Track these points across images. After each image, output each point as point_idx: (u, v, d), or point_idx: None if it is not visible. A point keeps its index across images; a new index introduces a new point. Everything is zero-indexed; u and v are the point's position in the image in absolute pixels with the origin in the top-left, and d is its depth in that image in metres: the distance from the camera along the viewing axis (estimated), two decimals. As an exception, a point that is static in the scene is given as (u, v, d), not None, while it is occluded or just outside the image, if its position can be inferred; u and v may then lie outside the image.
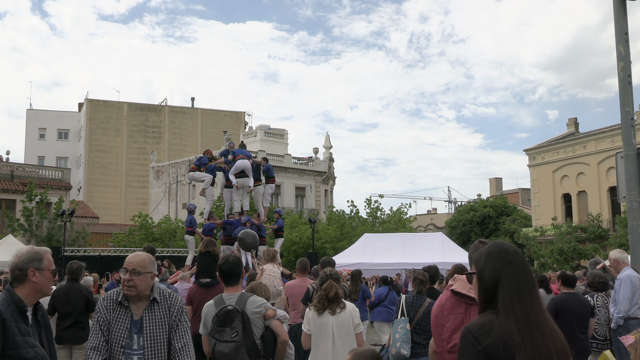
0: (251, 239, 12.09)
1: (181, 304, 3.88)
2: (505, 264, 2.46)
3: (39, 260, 3.50)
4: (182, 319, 3.82)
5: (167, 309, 3.77)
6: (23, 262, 3.47)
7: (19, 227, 30.12)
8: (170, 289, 4.14)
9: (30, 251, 3.57)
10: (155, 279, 3.87)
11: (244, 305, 4.88)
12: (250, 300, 4.96)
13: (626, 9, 8.51)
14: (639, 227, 8.14)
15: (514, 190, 63.89)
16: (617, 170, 8.45)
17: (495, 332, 2.36)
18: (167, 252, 29.22)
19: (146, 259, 3.80)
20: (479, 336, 2.39)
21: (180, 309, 3.83)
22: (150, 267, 3.78)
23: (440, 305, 3.86)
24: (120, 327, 3.68)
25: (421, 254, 21.46)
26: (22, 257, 3.49)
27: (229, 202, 15.92)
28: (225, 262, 5.19)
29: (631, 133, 8.23)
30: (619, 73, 8.38)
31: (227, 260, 5.21)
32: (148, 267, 3.76)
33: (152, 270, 3.79)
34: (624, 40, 8.40)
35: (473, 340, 2.40)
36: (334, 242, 34.00)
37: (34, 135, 60.72)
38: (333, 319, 5.59)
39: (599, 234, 35.79)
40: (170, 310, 3.78)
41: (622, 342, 5.10)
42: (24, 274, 3.44)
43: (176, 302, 3.83)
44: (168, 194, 48.68)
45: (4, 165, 37.87)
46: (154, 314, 3.73)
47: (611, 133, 37.71)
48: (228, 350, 4.61)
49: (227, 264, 5.13)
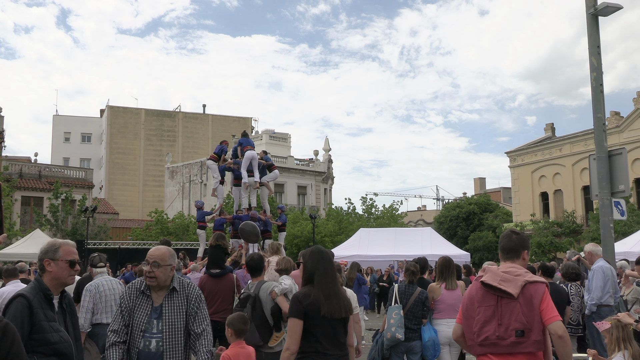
0: (250, 228, 12.12)
1: (199, 293, 3.85)
2: (319, 259, 3.86)
3: (54, 251, 3.47)
4: (201, 307, 3.79)
5: (185, 297, 3.75)
6: (41, 253, 3.50)
7: (46, 222, 30.10)
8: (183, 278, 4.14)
9: (48, 243, 3.58)
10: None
11: (259, 290, 5.56)
12: (264, 286, 5.61)
13: (598, 24, 8.51)
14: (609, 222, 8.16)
15: (496, 189, 63.86)
16: (590, 171, 8.46)
17: (312, 297, 3.69)
18: (181, 244, 29.18)
19: (166, 253, 3.78)
20: (302, 299, 3.70)
21: (199, 297, 3.81)
22: (170, 260, 3.75)
23: (470, 298, 3.46)
24: (141, 313, 3.69)
25: (412, 247, 21.44)
26: (41, 249, 3.52)
27: (238, 199, 15.88)
28: (250, 259, 5.93)
29: (603, 137, 8.23)
30: (592, 82, 8.38)
31: (252, 257, 5.94)
32: (167, 260, 3.73)
33: (172, 263, 3.76)
34: (597, 52, 8.40)
35: (298, 302, 3.69)
36: (332, 236, 33.97)
37: (60, 139, 60.61)
38: None
39: (574, 229, 35.78)
40: (189, 299, 3.76)
41: (596, 327, 5.09)
42: (42, 264, 3.46)
43: (194, 292, 3.81)
44: (182, 192, 48.62)
45: (33, 166, 37.83)
46: (173, 301, 3.71)
47: (585, 137, 37.68)
48: None
49: (252, 261, 5.86)
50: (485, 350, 3.29)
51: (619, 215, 8.34)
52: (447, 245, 23.41)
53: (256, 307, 5.48)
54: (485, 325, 3.29)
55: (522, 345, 3.17)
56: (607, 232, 8.18)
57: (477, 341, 3.32)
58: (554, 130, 44.31)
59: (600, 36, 8.56)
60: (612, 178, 8.12)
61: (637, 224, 27.63)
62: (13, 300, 3.26)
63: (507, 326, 3.20)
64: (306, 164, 49.55)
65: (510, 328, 3.19)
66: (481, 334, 3.28)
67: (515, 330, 3.18)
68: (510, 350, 3.19)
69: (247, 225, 12.23)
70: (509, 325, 3.20)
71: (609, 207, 8.08)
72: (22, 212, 33.10)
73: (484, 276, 3.41)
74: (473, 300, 3.41)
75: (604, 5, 8.29)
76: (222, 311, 7.16)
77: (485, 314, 3.30)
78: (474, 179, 69.00)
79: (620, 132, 35.91)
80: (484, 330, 3.28)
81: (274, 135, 55.25)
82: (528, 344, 3.17)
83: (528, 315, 3.19)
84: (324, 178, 49.98)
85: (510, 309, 3.22)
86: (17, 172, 35.36)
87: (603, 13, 8.42)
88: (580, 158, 37.48)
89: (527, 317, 3.18)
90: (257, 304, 5.50)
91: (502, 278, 3.30)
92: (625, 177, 8.13)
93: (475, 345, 3.34)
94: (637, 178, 34.65)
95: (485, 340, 3.26)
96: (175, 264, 3.82)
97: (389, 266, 21.19)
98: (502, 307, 3.26)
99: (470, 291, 3.50)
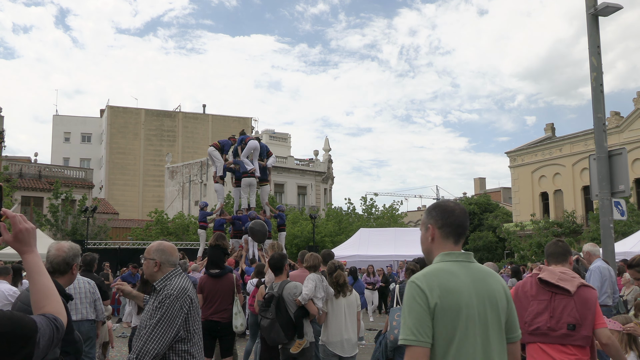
0: (259, 227, 12.13)
1: (166, 295, 3.50)
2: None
3: (79, 256, 3.77)
4: (161, 307, 3.44)
5: (157, 297, 3.54)
6: (70, 257, 3.69)
7: (46, 222, 30.09)
8: (190, 279, 3.87)
9: (73, 247, 3.77)
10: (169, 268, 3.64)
11: (282, 290, 5.86)
12: (287, 286, 5.91)
13: (598, 24, 8.50)
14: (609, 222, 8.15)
15: (496, 189, 63.84)
16: (590, 171, 8.45)
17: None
18: (181, 245, 29.17)
19: (152, 247, 3.67)
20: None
21: (163, 299, 3.48)
22: (154, 254, 3.59)
23: (523, 291, 3.82)
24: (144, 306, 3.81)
25: (412, 247, 21.43)
26: (70, 253, 3.70)
27: (238, 199, 15.88)
28: (272, 258, 6.19)
29: (603, 137, 8.22)
30: (592, 82, 8.37)
31: (273, 257, 6.19)
32: (151, 254, 3.60)
33: (155, 257, 3.58)
34: (597, 52, 8.39)
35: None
36: (332, 236, 33.96)
37: (60, 139, 60.61)
38: (344, 301, 6.14)
39: (574, 229, 35.77)
40: (158, 299, 3.51)
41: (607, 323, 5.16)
42: (70, 267, 3.67)
43: (163, 292, 3.51)
44: (182, 192, 48.61)
45: (33, 166, 37.82)
46: (151, 300, 3.58)
47: (585, 137, 37.67)
48: (267, 324, 5.74)
49: (273, 260, 6.13)
50: (535, 339, 3.66)
51: (619, 215, 8.33)
52: (447, 245, 23.38)
53: (280, 307, 5.77)
54: (537, 316, 3.65)
55: (572, 338, 3.55)
56: (607, 232, 8.18)
57: (527, 330, 3.65)
58: (554, 130, 44.29)
59: (600, 36, 8.55)
60: (612, 178, 8.11)
61: (637, 224, 27.62)
62: None
63: (559, 319, 3.58)
64: (306, 164, 49.55)
65: (562, 321, 3.57)
66: (533, 324, 3.65)
67: (568, 323, 3.56)
68: (561, 341, 3.58)
69: (256, 224, 12.25)
70: (560, 318, 3.58)
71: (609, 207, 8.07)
72: (22, 212, 33.05)
73: (542, 274, 3.76)
74: (527, 293, 3.78)
75: (604, 5, 8.28)
76: (221, 311, 7.14)
77: (539, 307, 3.67)
78: (474, 179, 69.03)
79: (620, 132, 35.91)
80: (536, 320, 3.64)
81: (274, 135, 55.26)
82: (578, 337, 3.54)
83: (581, 312, 3.57)
84: (324, 178, 49.98)
85: (563, 305, 3.61)
86: (17, 172, 35.35)
87: (603, 13, 8.41)
88: (580, 158, 37.47)
89: (580, 314, 3.56)
90: (281, 304, 5.78)
91: (559, 277, 3.69)
92: (625, 177, 8.13)
93: (525, 334, 3.61)
94: (637, 178, 34.65)
95: (536, 330, 3.63)
96: (160, 260, 3.61)
97: (388, 266, 21.17)
98: (555, 302, 3.63)
99: (525, 285, 3.86)
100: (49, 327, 1.65)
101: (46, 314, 1.71)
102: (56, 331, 1.68)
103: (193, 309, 3.57)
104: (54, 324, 1.68)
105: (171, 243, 3.84)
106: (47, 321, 1.66)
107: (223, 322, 6.96)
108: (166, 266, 3.61)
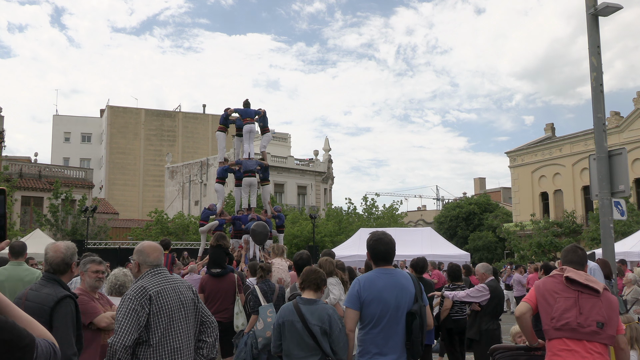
0: (261, 229, 12.05)
1: (123, 295, 3.62)
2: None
3: (76, 254, 3.81)
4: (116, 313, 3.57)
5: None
6: (68, 257, 3.71)
7: (46, 222, 30.09)
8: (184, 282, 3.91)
9: (69, 247, 3.78)
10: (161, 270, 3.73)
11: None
12: None
13: (598, 23, 8.51)
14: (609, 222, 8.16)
15: (496, 189, 63.87)
16: (590, 171, 8.45)
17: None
18: (181, 244, 29.18)
19: (136, 248, 3.83)
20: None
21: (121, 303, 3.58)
22: (135, 255, 3.75)
23: (549, 289, 3.92)
24: None
25: (412, 247, 21.43)
26: (67, 252, 3.72)
27: (239, 199, 15.88)
28: (299, 258, 6.17)
29: (603, 137, 8.23)
30: (592, 82, 8.37)
31: (301, 256, 6.18)
32: (133, 255, 3.77)
33: (135, 258, 3.75)
34: (596, 52, 8.39)
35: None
36: (332, 236, 33.96)
37: (60, 139, 60.62)
38: None
39: (574, 229, 35.79)
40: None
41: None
42: (69, 266, 3.70)
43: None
44: (182, 192, 48.63)
45: (33, 166, 37.82)
46: None
47: (585, 137, 37.70)
48: None
49: (301, 260, 6.10)
50: (562, 334, 3.77)
51: (619, 215, 8.34)
52: (447, 246, 23.42)
53: None
54: (565, 312, 3.76)
55: (599, 335, 3.70)
56: (607, 232, 8.19)
57: (555, 325, 3.78)
58: (554, 130, 44.33)
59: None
60: (612, 178, 8.12)
61: (637, 224, 27.64)
62: (62, 301, 3.39)
63: (588, 316, 3.71)
64: (306, 164, 49.56)
65: (590, 318, 3.71)
66: (561, 320, 3.76)
67: (597, 321, 3.70)
68: (589, 337, 3.70)
69: (258, 226, 12.12)
70: (589, 315, 3.71)
71: (609, 207, 8.08)
72: (22, 212, 33.07)
73: (568, 273, 3.88)
74: (552, 290, 3.89)
75: (604, 5, 8.28)
76: (222, 311, 7.16)
77: (566, 303, 3.78)
78: (473, 179, 69.07)
79: (620, 132, 35.93)
80: (564, 316, 3.76)
81: (274, 135, 55.18)
82: (604, 336, 3.70)
83: (608, 312, 3.74)
84: (324, 178, 49.99)
85: (591, 303, 3.75)
86: (17, 172, 35.35)
87: (603, 13, 8.41)
88: (580, 158, 37.50)
89: (607, 314, 3.73)
90: None
91: (587, 278, 3.84)
92: (625, 177, 8.13)
93: (551, 329, 3.80)
94: (637, 178, 34.67)
95: (565, 325, 3.74)
96: (139, 260, 3.71)
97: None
98: (582, 301, 3.76)
99: (551, 282, 3.96)
100: (47, 349, 1.65)
101: (45, 339, 1.70)
102: (53, 355, 1.67)
103: (159, 310, 3.49)
104: (53, 348, 1.68)
105: (155, 243, 3.87)
106: (47, 343, 1.67)
107: (224, 321, 6.98)
108: (144, 267, 3.71)
